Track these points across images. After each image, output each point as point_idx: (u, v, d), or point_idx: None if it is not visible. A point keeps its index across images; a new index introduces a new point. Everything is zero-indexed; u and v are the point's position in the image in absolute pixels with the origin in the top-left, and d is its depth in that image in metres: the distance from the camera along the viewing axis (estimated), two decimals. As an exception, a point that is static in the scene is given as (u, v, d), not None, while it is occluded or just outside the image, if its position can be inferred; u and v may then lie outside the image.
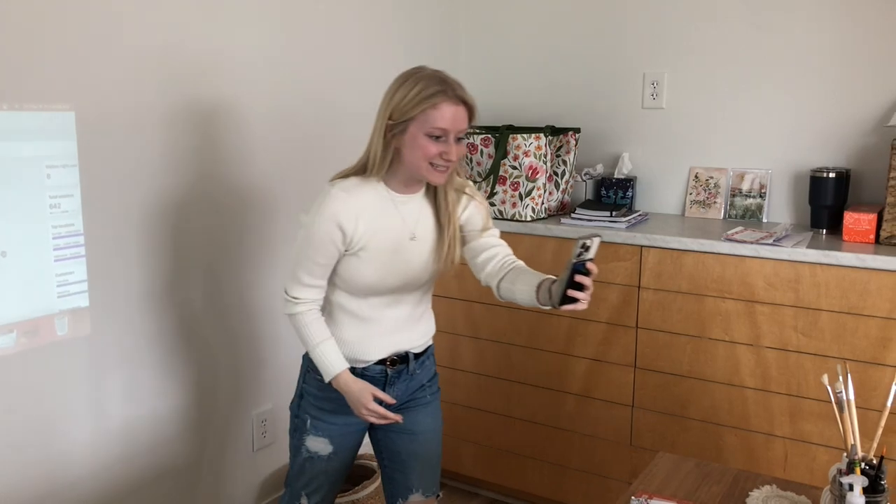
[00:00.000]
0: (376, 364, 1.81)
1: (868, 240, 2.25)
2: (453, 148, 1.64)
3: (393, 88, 1.67)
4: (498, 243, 1.83)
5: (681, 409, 2.42)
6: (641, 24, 2.77)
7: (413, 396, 1.89)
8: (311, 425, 1.84)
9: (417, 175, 1.69)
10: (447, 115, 1.62)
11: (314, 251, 1.69)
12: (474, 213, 1.82)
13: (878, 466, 1.35)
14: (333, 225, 1.66)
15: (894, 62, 2.39)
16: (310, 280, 1.72)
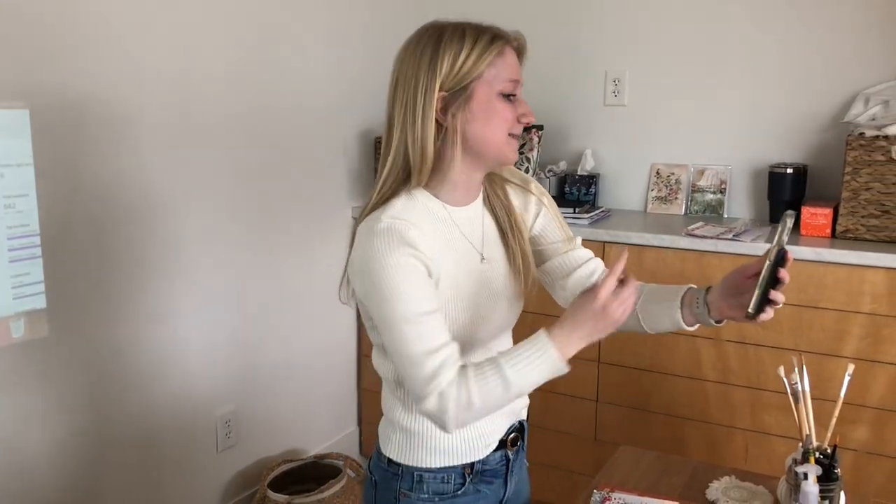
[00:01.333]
0: (497, 450, 1.34)
1: (825, 234, 2.29)
2: (527, 105, 1.27)
3: (427, 52, 1.22)
4: (590, 255, 1.40)
5: (644, 403, 2.44)
6: (603, 23, 2.79)
7: (518, 487, 1.45)
8: None
9: (495, 156, 1.24)
10: (515, 64, 1.27)
11: (412, 300, 1.14)
12: (547, 219, 1.39)
13: (831, 455, 1.38)
14: (409, 256, 1.15)
15: (849, 59, 2.43)
16: (431, 341, 1.14)
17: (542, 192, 1.40)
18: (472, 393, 1.13)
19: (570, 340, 1.18)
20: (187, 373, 2.31)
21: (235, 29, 2.32)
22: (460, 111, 1.21)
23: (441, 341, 1.14)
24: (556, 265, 1.40)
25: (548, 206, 1.40)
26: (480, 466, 1.33)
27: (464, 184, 1.27)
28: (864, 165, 2.21)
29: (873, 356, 2.11)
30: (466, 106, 1.21)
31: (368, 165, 2.92)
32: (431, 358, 1.13)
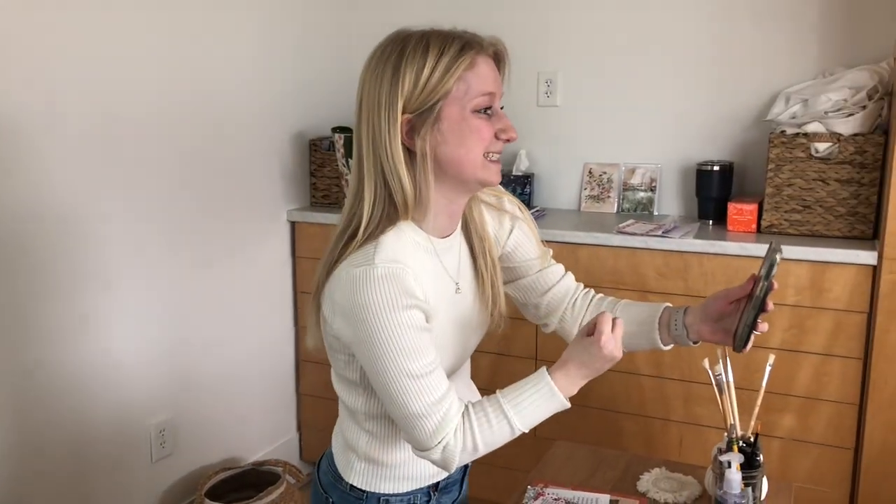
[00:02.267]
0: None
1: (750, 229, 2.36)
2: (507, 121, 1.17)
3: (388, 71, 1.11)
4: (563, 272, 1.38)
5: (581, 399, 2.45)
6: (535, 24, 2.82)
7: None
8: None
9: (470, 181, 1.15)
10: (489, 75, 1.14)
11: (416, 356, 1.10)
12: (521, 235, 1.33)
13: (754, 444, 1.43)
14: (409, 302, 1.09)
15: (771, 60, 2.51)
16: (434, 393, 1.11)
17: (516, 205, 1.33)
18: (476, 439, 1.12)
19: (573, 380, 1.19)
20: (118, 383, 2.26)
21: (159, 30, 2.28)
22: (430, 134, 1.11)
23: (442, 390, 1.11)
24: (530, 284, 1.36)
25: (524, 220, 1.34)
26: (444, 482, 1.34)
27: (445, 212, 1.18)
28: (785, 162, 2.28)
29: (798, 347, 2.18)
30: (436, 127, 1.11)
31: (303, 168, 2.90)
32: (435, 410, 1.10)
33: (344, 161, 2.71)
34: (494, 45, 1.18)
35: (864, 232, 2.23)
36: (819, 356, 2.17)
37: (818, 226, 2.27)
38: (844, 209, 2.24)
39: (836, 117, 2.23)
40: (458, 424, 1.11)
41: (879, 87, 2.25)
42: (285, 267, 2.86)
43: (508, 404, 1.13)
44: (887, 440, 2.08)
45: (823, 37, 2.44)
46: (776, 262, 1.17)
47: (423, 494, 1.30)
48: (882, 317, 2.04)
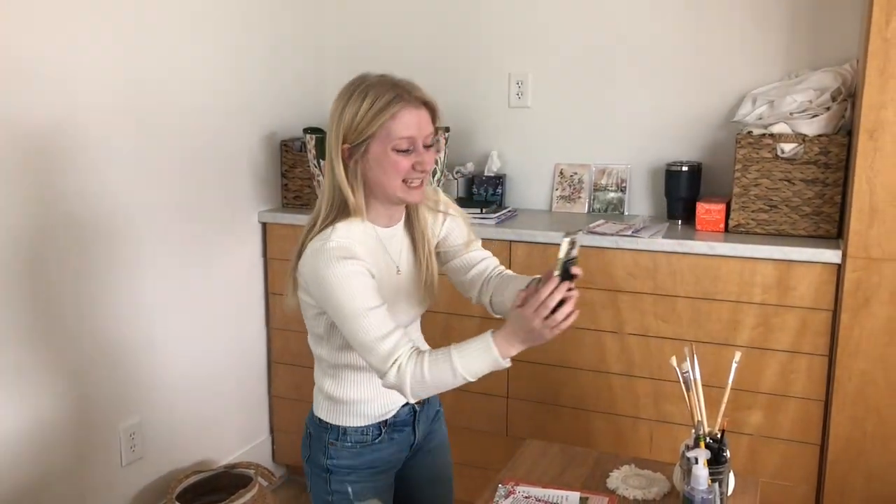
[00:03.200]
0: (403, 406, 1.63)
1: (718, 229, 2.39)
2: (425, 157, 1.46)
3: (339, 107, 1.46)
4: (485, 255, 1.68)
5: (553, 398, 2.50)
6: (505, 26, 2.84)
7: (432, 429, 1.75)
8: (354, 496, 1.61)
9: (393, 198, 1.49)
10: (411, 123, 1.44)
11: (360, 293, 1.40)
12: (453, 226, 1.66)
13: (720, 440, 1.45)
14: (352, 262, 1.41)
15: (738, 62, 2.54)
16: (382, 326, 1.41)
17: (448, 205, 1.66)
18: (425, 372, 1.38)
19: (510, 342, 1.42)
20: (87, 384, 2.24)
21: (129, 31, 2.26)
22: (361, 161, 1.45)
23: (389, 328, 1.41)
24: (457, 265, 1.68)
25: (455, 215, 1.66)
26: (392, 420, 1.61)
27: (384, 213, 1.54)
28: (752, 162, 2.32)
29: (764, 344, 2.21)
30: (365, 157, 1.45)
31: (275, 169, 2.89)
32: (384, 341, 1.40)
33: (315, 162, 2.71)
34: (421, 98, 1.48)
35: (828, 231, 2.27)
36: (785, 353, 2.20)
37: (784, 225, 2.31)
38: (810, 209, 2.28)
39: (802, 118, 2.27)
40: (412, 354, 1.40)
41: (843, 88, 2.29)
42: (256, 268, 2.85)
43: (455, 351, 1.39)
44: (852, 435, 2.12)
45: (789, 39, 2.48)
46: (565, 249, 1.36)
47: (374, 429, 1.60)
48: (846, 314, 2.08)
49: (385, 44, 3.04)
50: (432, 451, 1.75)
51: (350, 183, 1.46)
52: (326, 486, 1.62)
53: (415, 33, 2.99)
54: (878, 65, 1.96)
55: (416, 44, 2.99)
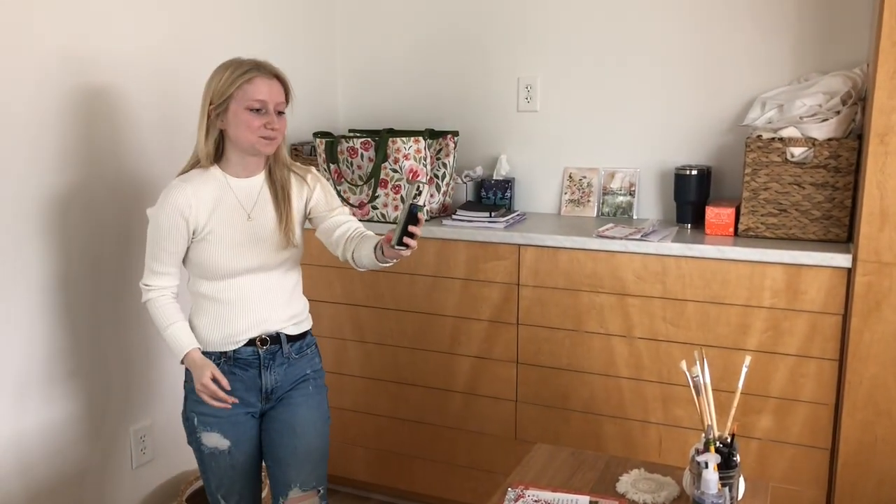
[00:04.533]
0: (247, 346, 1.87)
1: (728, 233, 2.38)
2: (275, 119, 1.78)
3: (210, 78, 1.79)
4: (348, 219, 1.94)
5: (562, 402, 2.50)
6: (515, 31, 2.84)
7: (295, 386, 1.94)
8: (199, 422, 1.88)
9: (249, 149, 1.79)
10: (263, 88, 1.76)
11: (162, 241, 1.80)
12: (320, 195, 1.95)
13: (730, 444, 1.45)
14: (177, 214, 1.77)
15: (748, 66, 2.54)
16: (159, 267, 1.83)
17: (317, 178, 1.96)
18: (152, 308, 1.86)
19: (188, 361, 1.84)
20: (98, 387, 2.25)
21: (136, 36, 2.28)
22: (223, 117, 1.78)
23: (166, 269, 1.83)
24: (325, 227, 1.94)
25: (321, 188, 1.96)
26: (233, 354, 1.87)
27: (239, 163, 1.84)
28: (762, 166, 2.31)
29: (774, 348, 2.21)
30: (225, 115, 1.78)
31: (285, 173, 2.90)
32: (155, 276, 1.84)
33: (325, 165, 2.72)
34: (274, 72, 1.81)
35: (838, 235, 2.26)
36: (795, 358, 2.20)
37: (794, 229, 2.31)
38: (819, 213, 2.27)
39: (811, 122, 2.27)
40: (158, 293, 1.84)
41: (853, 92, 2.29)
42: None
43: (172, 327, 1.83)
44: (863, 440, 2.12)
45: (799, 43, 2.48)
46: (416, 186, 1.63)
47: (215, 357, 1.86)
48: (857, 318, 2.07)
49: (393, 50, 3.05)
50: (290, 406, 1.93)
51: (208, 137, 1.79)
52: (186, 410, 1.91)
53: (423, 39, 3.00)
54: (889, 69, 1.95)
55: (425, 49, 3.00)
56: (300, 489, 1.91)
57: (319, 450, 1.96)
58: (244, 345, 1.87)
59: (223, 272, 1.83)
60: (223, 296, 1.85)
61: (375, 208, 2.66)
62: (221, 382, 1.79)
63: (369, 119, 3.11)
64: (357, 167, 2.68)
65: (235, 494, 1.94)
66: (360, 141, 2.66)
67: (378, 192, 2.64)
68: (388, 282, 2.65)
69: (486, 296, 2.52)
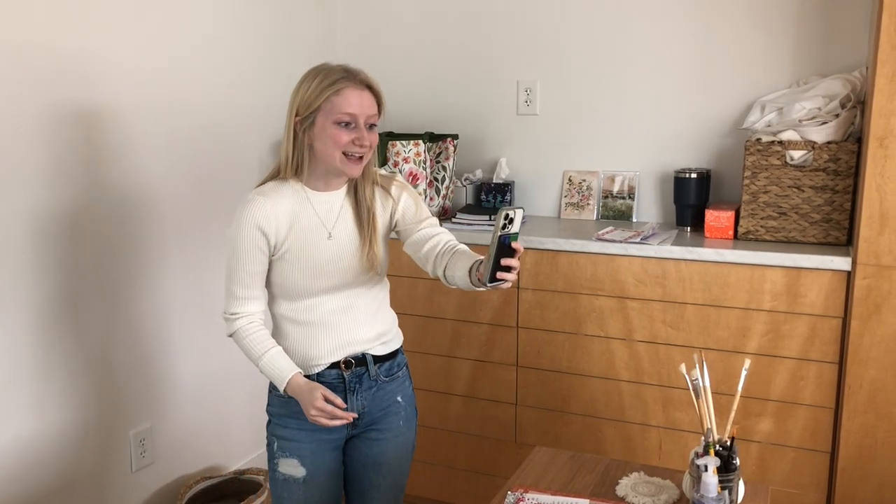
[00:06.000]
0: (331, 368, 1.73)
1: (727, 236, 2.38)
2: (365, 134, 1.62)
3: (297, 86, 1.66)
4: (438, 232, 1.77)
5: (562, 405, 2.50)
6: (514, 34, 2.85)
7: (385, 416, 1.81)
8: (278, 447, 1.76)
9: (333, 169, 1.65)
10: (353, 101, 1.61)
11: (243, 261, 1.65)
12: (407, 205, 1.78)
13: (730, 447, 1.44)
14: (256, 230, 1.64)
15: (747, 69, 2.55)
16: (244, 292, 1.68)
17: (402, 187, 1.78)
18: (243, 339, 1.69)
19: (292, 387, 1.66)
20: (98, 391, 2.25)
21: (138, 40, 2.28)
22: (309, 131, 1.63)
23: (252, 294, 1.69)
24: (414, 240, 1.78)
25: (408, 197, 1.78)
26: (316, 378, 1.73)
27: (322, 178, 1.69)
28: (761, 169, 2.32)
29: (774, 351, 2.21)
30: (312, 128, 1.63)
31: (285, 176, 2.90)
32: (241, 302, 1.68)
33: (325, 169, 2.72)
34: (366, 81, 1.66)
35: (838, 238, 2.27)
36: (795, 361, 2.20)
37: (794, 232, 2.31)
38: (819, 216, 2.27)
39: (811, 125, 2.27)
40: (246, 321, 1.68)
41: (852, 95, 2.29)
42: (266, 275, 2.86)
43: (268, 355, 1.67)
44: (863, 443, 2.11)
45: (798, 46, 2.48)
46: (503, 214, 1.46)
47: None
48: (856, 321, 2.07)
49: (394, 52, 3.05)
50: (379, 441, 1.81)
51: (294, 150, 1.65)
52: (268, 434, 1.81)
53: (424, 42, 3.00)
54: (888, 72, 1.95)
55: (425, 52, 3.00)
56: None
57: (401, 484, 1.88)
58: (328, 367, 1.73)
59: (302, 292, 1.70)
60: (303, 317, 1.72)
61: (375, 211, 2.66)
62: (336, 402, 1.63)
63: (369, 122, 3.12)
64: (357, 170, 2.67)
65: None
66: (359, 144, 2.65)
67: (378, 196, 2.64)
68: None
69: (485, 299, 2.52)
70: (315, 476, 1.75)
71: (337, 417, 1.63)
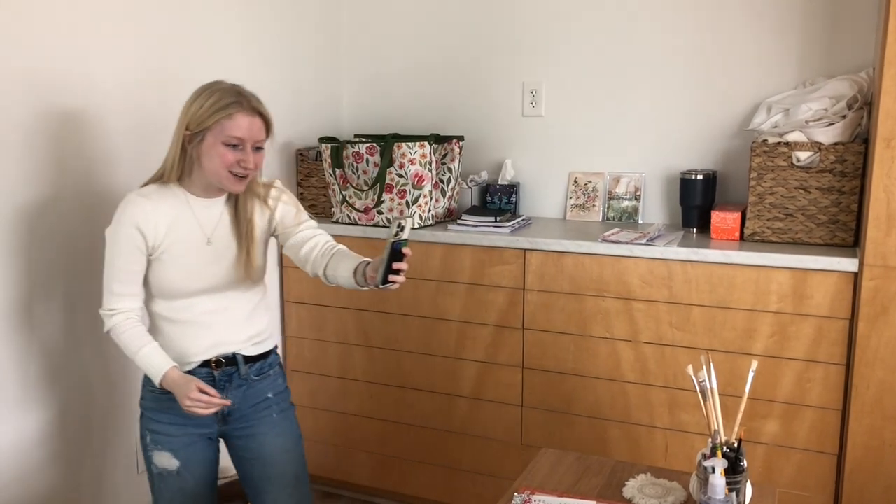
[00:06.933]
0: (201, 367, 1.81)
1: (734, 237, 2.38)
2: (251, 157, 1.72)
3: (190, 100, 1.73)
4: (316, 234, 1.88)
5: (567, 406, 2.49)
6: (519, 35, 2.85)
7: (257, 412, 1.89)
8: (151, 440, 1.84)
9: (217, 183, 1.74)
10: (243, 125, 1.69)
11: (121, 259, 1.73)
12: (285, 211, 1.88)
13: (737, 449, 1.44)
14: (133, 229, 1.71)
15: (753, 70, 2.54)
16: (121, 289, 1.75)
17: (280, 192, 1.89)
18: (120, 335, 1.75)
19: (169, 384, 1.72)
20: (103, 391, 2.26)
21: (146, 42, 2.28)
22: (197, 146, 1.72)
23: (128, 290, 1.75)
24: (292, 243, 1.87)
25: (287, 201, 1.88)
26: (188, 373, 1.77)
27: (202, 188, 1.78)
28: (768, 171, 2.31)
29: (780, 353, 2.20)
30: (201, 144, 1.71)
31: (290, 178, 2.91)
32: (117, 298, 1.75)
33: (331, 171, 2.72)
34: (257, 108, 1.73)
35: (845, 239, 2.26)
36: (802, 362, 2.19)
37: (800, 233, 2.30)
38: (826, 217, 2.27)
39: (817, 126, 2.26)
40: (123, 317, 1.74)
41: (859, 96, 2.28)
42: (272, 277, 2.86)
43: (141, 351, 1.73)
44: (870, 445, 2.11)
45: (804, 47, 2.48)
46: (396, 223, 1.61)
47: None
48: (863, 323, 2.07)
49: (399, 53, 3.06)
50: (256, 436, 1.89)
51: (180, 159, 1.74)
52: (140, 428, 1.87)
53: (428, 43, 3.00)
54: (895, 73, 1.95)
55: (430, 54, 3.00)
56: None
57: (294, 473, 1.94)
58: (198, 366, 1.82)
59: (177, 293, 1.78)
60: (177, 316, 1.79)
61: (381, 213, 2.66)
62: (209, 391, 1.71)
63: (375, 124, 3.12)
64: (363, 172, 2.68)
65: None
66: (365, 146, 2.66)
67: (384, 197, 2.65)
68: (394, 286, 2.65)
69: (491, 300, 2.52)
70: (188, 467, 1.83)
71: (213, 404, 1.70)
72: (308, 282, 2.79)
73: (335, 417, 2.85)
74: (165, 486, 1.84)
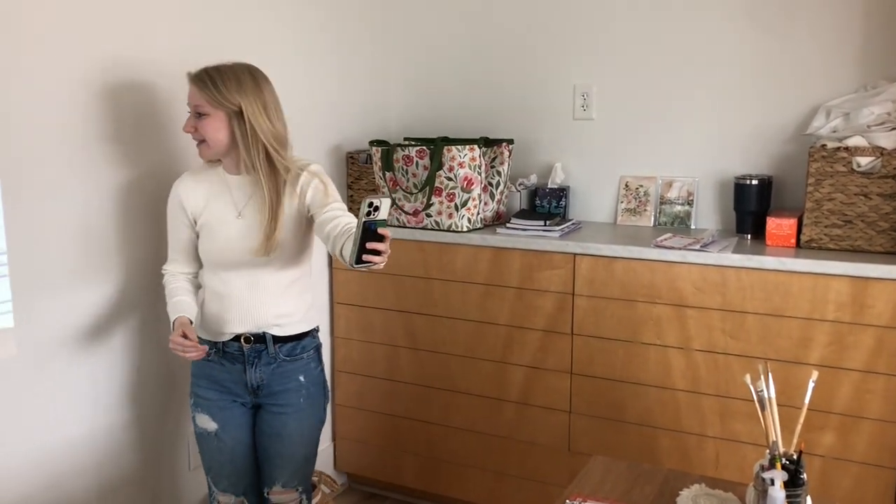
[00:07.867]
0: (234, 340, 1.95)
1: (790, 244, 2.33)
2: (189, 121, 1.87)
3: None
4: (339, 214, 1.89)
5: (616, 413, 2.46)
6: (571, 38, 2.83)
7: (286, 392, 1.98)
8: (194, 403, 2.02)
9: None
10: (189, 93, 1.87)
11: (170, 228, 1.98)
12: (315, 192, 1.92)
13: (797, 461, 1.41)
14: (176, 203, 1.95)
15: (811, 73, 2.49)
16: (172, 254, 2.00)
17: (312, 176, 1.91)
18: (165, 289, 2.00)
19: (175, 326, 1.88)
20: (155, 389, 2.30)
21: (208, 54, 2.32)
22: None
23: (176, 256, 2.00)
24: (319, 222, 1.89)
25: (318, 184, 1.91)
26: (222, 347, 1.96)
27: (228, 162, 1.94)
28: (826, 176, 2.26)
29: (838, 363, 2.15)
30: None
31: (340, 181, 2.93)
32: (169, 262, 2.02)
33: (381, 174, 2.73)
34: (196, 75, 1.86)
35: (906, 247, 2.20)
36: (860, 373, 2.13)
37: (859, 241, 2.24)
38: (887, 224, 2.21)
39: (879, 131, 2.21)
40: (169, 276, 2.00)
41: (923, 100, 2.22)
42: (322, 278, 2.88)
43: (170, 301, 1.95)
44: (931, 460, 2.04)
45: (864, 50, 2.42)
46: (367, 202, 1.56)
47: (210, 345, 1.97)
48: (926, 334, 2.01)
49: (447, 57, 3.06)
50: (280, 415, 1.98)
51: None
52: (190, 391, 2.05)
53: (478, 45, 3.00)
54: (963, 76, 1.89)
55: (480, 57, 3.00)
56: (282, 486, 2.03)
57: (304, 456, 2.04)
58: (231, 339, 1.95)
59: (215, 264, 1.93)
60: (218, 288, 1.94)
61: (430, 216, 2.66)
62: (190, 338, 1.81)
63: (423, 127, 3.12)
64: (412, 175, 2.69)
65: (224, 479, 2.02)
66: (415, 149, 2.67)
67: (433, 201, 2.65)
68: (441, 289, 2.66)
69: (539, 305, 2.51)
70: (225, 429, 1.98)
71: (188, 347, 1.79)
72: (356, 283, 2.81)
73: (382, 419, 2.86)
74: (206, 446, 2.02)
